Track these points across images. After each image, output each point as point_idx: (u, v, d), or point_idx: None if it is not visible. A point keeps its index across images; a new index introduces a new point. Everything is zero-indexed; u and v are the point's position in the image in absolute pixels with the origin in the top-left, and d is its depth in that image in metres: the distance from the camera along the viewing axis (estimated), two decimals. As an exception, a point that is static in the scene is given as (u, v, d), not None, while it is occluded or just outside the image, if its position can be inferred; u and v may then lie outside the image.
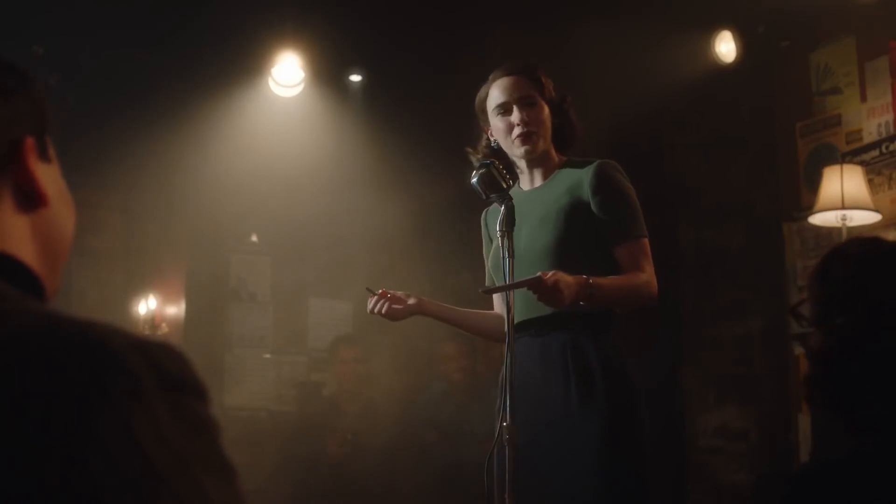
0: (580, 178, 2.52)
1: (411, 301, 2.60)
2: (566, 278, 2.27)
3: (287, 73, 5.03)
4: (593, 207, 2.49)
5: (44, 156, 0.92)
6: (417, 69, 5.15)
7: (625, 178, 2.54)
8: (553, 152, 2.64)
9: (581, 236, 2.48)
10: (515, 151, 2.60)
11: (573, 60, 2.67)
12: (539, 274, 2.27)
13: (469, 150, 2.70)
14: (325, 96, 5.29)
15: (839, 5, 4.69)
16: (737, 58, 5.05)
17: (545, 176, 2.63)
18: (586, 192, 2.50)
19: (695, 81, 5.01)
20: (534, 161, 2.62)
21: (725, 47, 5.06)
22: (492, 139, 2.65)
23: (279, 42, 4.92)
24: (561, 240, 2.47)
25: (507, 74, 2.62)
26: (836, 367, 1.31)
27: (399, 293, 2.61)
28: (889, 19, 4.64)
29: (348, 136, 5.35)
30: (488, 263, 2.68)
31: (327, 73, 5.19)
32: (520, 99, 2.58)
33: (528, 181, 2.66)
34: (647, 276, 2.45)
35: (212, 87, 4.95)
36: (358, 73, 5.41)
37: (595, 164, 2.53)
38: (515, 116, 2.57)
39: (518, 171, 2.66)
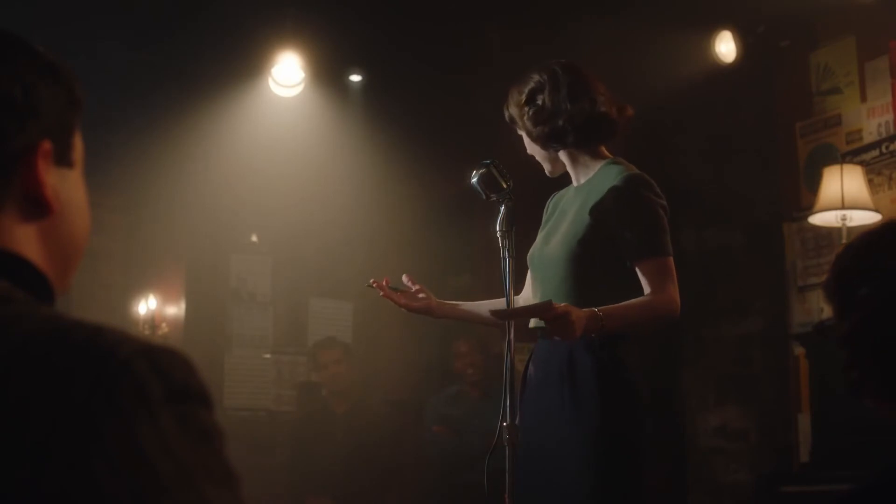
0: (606, 189, 2.47)
1: (423, 297, 2.59)
2: (577, 311, 2.25)
3: (287, 73, 5.03)
4: (614, 223, 2.44)
5: (63, 160, 0.87)
6: (417, 69, 5.15)
7: (652, 194, 2.46)
8: (577, 154, 2.59)
9: (600, 248, 2.45)
10: None
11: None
12: (550, 300, 2.26)
13: None
14: (325, 96, 5.28)
15: (839, 5, 4.69)
16: (737, 58, 5.04)
17: (578, 178, 2.61)
18: (610, 207, 2.44)
19: (695, 81, 5.00)
20: (570, 167, 2.62)
21: (725, 47, 5.06)
22: None
23: (279, 42, 4.92)
24: (575, 253, 2.45)
25: None
26: (873, 338, 1.27)
27: (410, 289, 2.59)
28: (889, 19, 4.64)
29: (348, 136, 5.35)
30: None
31: (327, 73, 5.19)
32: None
33: (572, 179, 2.67)
34: (668, 295, 2.40)
35: (212, 87, 4.95)
36: (358, 73, 5.41)
37: (622, 177, 2.46)
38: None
39: None
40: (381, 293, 2.58)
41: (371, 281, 2.58)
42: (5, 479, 0.64)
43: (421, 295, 2.60)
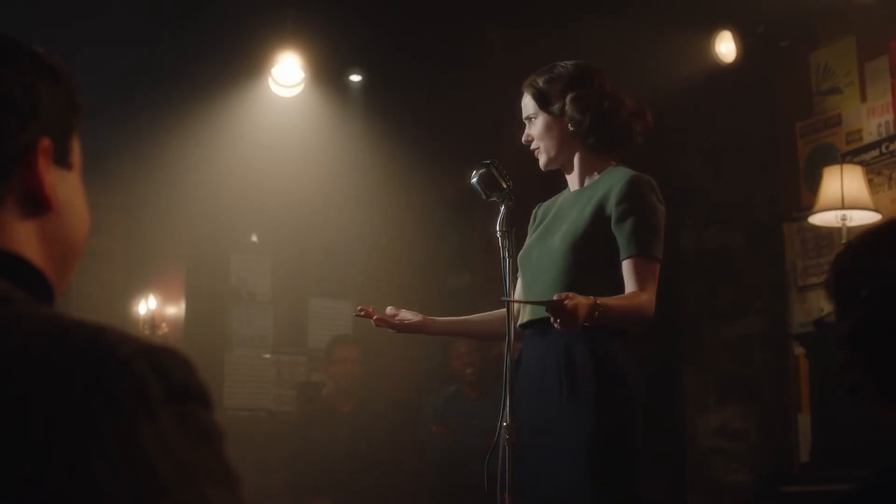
0: (611, 188, 2.49)
1: (413, 318, 2.59)
2: (580, 300, 2.22)
3: (287, 73, 5.03)
4: (614, 218, 2.46)
5: (62, 160, 0.88)
6: (418, 69, 5.15)
7: (655, 197, 2.49)
8: (588, 155, 2.60)
9: (598, 247, 2.46)
10: None
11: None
12: (556, 297, 2.22)
13: None
14: (325, 96, 5.28)
15: (839, 5, 4.70)
16: (737, 58, 5.04)
17: (582, 180, 2.61)
18: (612, 203, 2.46)
19: (695, 81, 5.00)
20: (564, 167, 2.63)
21: (725, 47, 5.06)
22: None
23: (279, 42, 4.92)
24: (577, 248, 2.46)
25: (522, 92, 2.64)
26: (872, 339, 1.26)
27: (399, 312, 2.60)
28: (889, 19, 4.65)
29: (348, 136, 5.35)
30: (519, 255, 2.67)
31: (327, 73, 5.19)
32: (525, 118, 2.63)
33: (569, 183, 2.67)
34: (648, 297, 2.40)
35: (212, 87, 4.95)
36: (358, 73, 5.41)
37: (629, 176, 2.49)
38: (524, 135, 2.63)
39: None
40: (374, 320, 2.57)
41: (359, 308, 2.58)
42: (5, 479, 0.64)
43: (409, 316, 2.59)
